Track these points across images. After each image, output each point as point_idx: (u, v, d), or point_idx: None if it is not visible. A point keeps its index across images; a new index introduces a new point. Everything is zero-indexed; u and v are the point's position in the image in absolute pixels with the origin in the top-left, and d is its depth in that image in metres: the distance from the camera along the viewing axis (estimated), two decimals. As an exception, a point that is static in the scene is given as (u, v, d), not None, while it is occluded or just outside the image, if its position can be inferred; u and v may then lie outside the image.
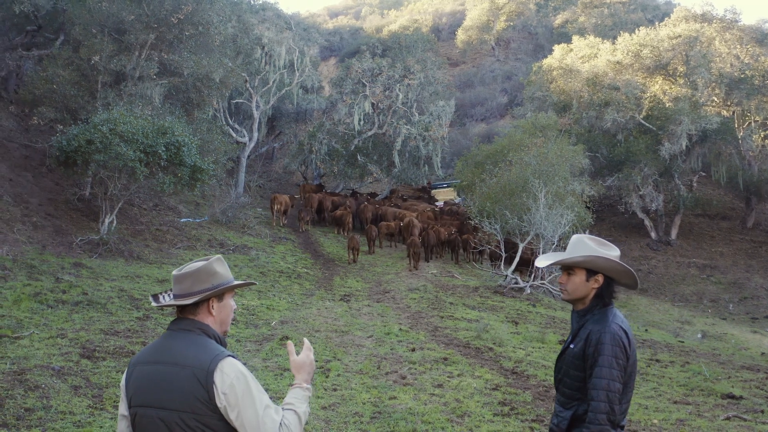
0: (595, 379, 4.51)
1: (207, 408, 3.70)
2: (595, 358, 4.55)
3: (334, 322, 17.18)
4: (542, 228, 26.59)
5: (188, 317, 4.04)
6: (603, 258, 4.77)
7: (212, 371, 3.71)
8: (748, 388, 14.33)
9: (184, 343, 3.90)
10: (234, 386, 3.69)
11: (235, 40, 34.35)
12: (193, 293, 3.99)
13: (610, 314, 4.73)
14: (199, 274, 4.03)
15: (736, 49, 45.70)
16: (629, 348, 4.61)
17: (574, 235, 5.11)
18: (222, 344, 4.01)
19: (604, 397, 4.45)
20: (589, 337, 4.64)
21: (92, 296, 15.25)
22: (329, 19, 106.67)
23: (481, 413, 10.62)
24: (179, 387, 3.74)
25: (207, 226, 28.96)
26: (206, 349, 3.84)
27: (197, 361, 3.77)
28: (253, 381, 3.78)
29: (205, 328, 3.99)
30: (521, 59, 77.49)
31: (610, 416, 4.46)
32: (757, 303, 33.66)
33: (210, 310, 4.05)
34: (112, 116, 21.14)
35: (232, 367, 3.76)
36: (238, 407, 3.68)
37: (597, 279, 4.82)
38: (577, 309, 4.93)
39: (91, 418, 8.89)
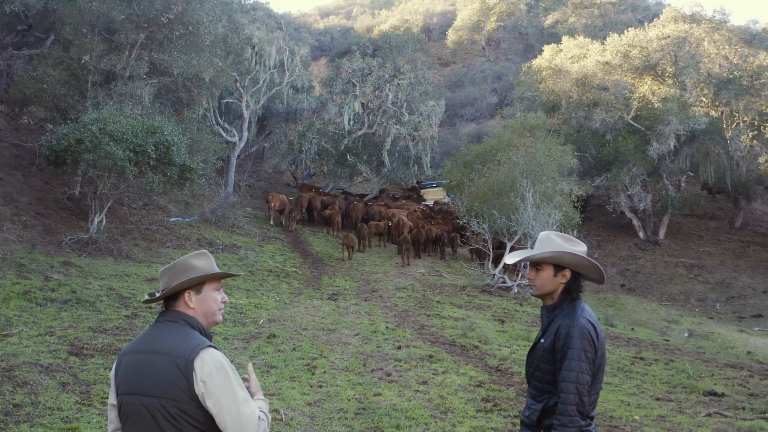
0: (564, 372, 4.64)
1: (186, 395, 3.80)
2: (565, 351, 4.68)
3: (321, 321, 17.30)
4: (530, 227, 26.69)
5: (173, 309, 4.16)
6: (570, 253, 4.90)
7: (192, 360, 3.81)
8: (731, 385, 14.48)
9: (168, 333, 4.01)
10: (213, 375, 3.79)
11: (226, 40, 34.36)
12: (167, 288, 4.13)
13: (579, 309, 4.86)
14: (175, 269, 4.18)
15: (725, 49, 45.90)
16: (597, 341, 4.74)
17: (541, 232, 5.24)
18: (206, 336, 4.10)
19: (574, 390, 4.59)
20: (559, 331, 4.77)
21: (81, 295, 15.35)
22: (320, 18, 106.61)
23: (464, 409, 10.76)
24: (160, 375, 3.85)
25: (196, 225, 29.02)
26: (188, 339, 3.95)
27: (178, 350, 3.87)
28: (233, 372, 3.87)
29: (189, 320, 4.09)
30: (511, 59, 77.55)
31: (579, 407, 4.59)
32: (744, 302, 33.80)
33: (187, 303, 4.15)
34: (101, 116, 21.21)
35: (212, 357, 3.86)
36: (216, 396, 3.77)
37: (564, 274, 4.96)
38: (546, 304, 5.07)
39: (79, 414, 9.02)
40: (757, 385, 14.80)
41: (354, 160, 42.82)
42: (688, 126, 38.72)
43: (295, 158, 43.26)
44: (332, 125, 42.97)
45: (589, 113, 42.31)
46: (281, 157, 44.09)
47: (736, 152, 43.67)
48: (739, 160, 44.07)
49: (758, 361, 19.65)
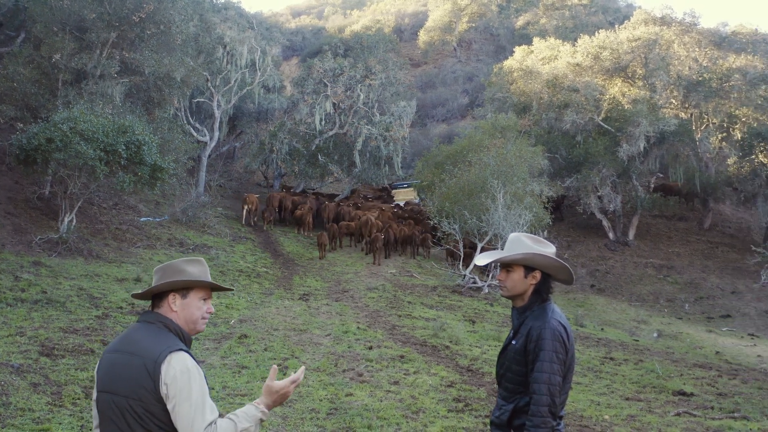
0: (536, 373, 4.70)
1: (152, 397, 3.85)
2: (537, 353, 4.74)
3: (292, 321, 17.32)
4: (501, 228, 26.81)
5: (154, 311, 4.21)
6: (540, 255, 4.97)
7: (160, 362, 3.86)
8: (700, 385, 14.64)
9: (144, 334, 4.06)
10: (176, 378, 3.83)
11: (197, 39, 34.26)
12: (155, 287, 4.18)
13: (549, 310, 4.93)
14: (166, 270, 4.23)
15: (695, 52, 46.23)
16: (568, 342, 4.82)
17: (511, 234, 5.30)
18: (184, 340, 4.14)
19: (546, 391, 4.65)
20: (530, 333, 4.83)
21: (51, 295, 15.29)
22: (292, 18, 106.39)
23: (435, 409, 10.83)
24: (130, 375, 3.91)
25: (167, 225, 28.94)
26: (160, 341, 3.98)
27: (149, 351, 3.92)
28: (198, 377, 3.91)
29: (167, 322, 4.13)
30: (482, 60, 77.73)
31: (551, 408, 4.66)
32: (713, 303, 34.08)
33: (170, 305, 4.19)
34: (72, 115, 21.10)
35: (180, 361, 3.90)
36: (175, 399, 3.82)
37: (535, 275, 5.02)
38: (516, 306, 5.13)
39: (50, 415, 8.99)
40: (726, 384, 14.97)
41: (325, 160, 42.79)
42: (658, 128, 38.96)
43: (266, 158, 43.20)
44: (303, 125, 42.93)
45: (560, 114, 42.47)
46: (252, 156, 44.01)
47: (705, 154, 44.05)
48: (708, 161, 44.48)
49: (726, 361, 19.88)
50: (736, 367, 18.35)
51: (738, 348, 24.24)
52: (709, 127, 43.70)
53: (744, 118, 43.77)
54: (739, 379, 15.94)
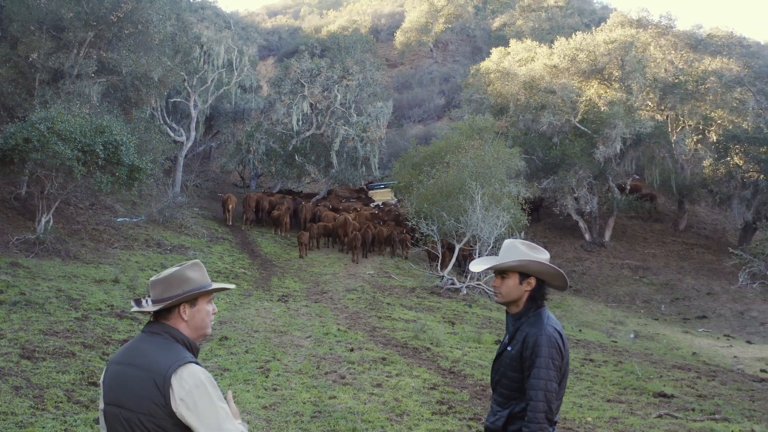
0: (533, 380, 4.71)
1: (163, 412, 3.78)
2: (533, 359, 4.75)
3: (272, 323, 17.26)
4: (479, 229, 26.85)
5: (160, 321, 4.12)
6: (536, 262, 4.97)
7: (169, 377, 3.78)
8: (680, 387, 14.72)
9: (151, 347, 3.98)
10: (192, 392, 3.77)
11: (174, 39, 34.14)
12: (163, 299, 4.08)
13: (545, 317, 4.94)
14: (170, 280, 4.12)
15: (671, 54, 46.56)
16: (564, 349, 4.84)
17: (506, 240, 5.29)
18: (192, 350, 4.08)
19: (543, 397, 4.66)
20: (526, 339, 4.84)
21: (30, 296, 15.14)
22: (268, 18, 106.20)
23: (419, 412, 10.81)
24: (138, 389, 3.84)
25: (144, 225, 28.79)
26: (169, 353, 3.91)
27: (158, 365, 3.84)
28: (213, 388, 3.86)
29: (173, 333, 4.06)
30: (459, 61, 77.84)
31: (548, 415, 4.67)
32: (689, 304, 34.28)
33: (182, 316, 4.11)
34: (49, 114, 20.93)
35: (191, 373, 3.84)
36: (197, 413, 3.76)
37: (530, 282, 5.03)
38: (512, 312, 5.13)
39: (33, 418, 8.90)
40: (705, 386, 15.07)
41: (302, 160, 42.76)
42: (634, 129, 39.15)
43: (243, 158, 43.14)
44: (280, 125, 42.89)
45: (537, 116, 42.58)
46: (229, 157, 43.95)
47: (680, 156, 44.31)
48: (683, 163, 44.76)
49: (704, 362, 20.00)
50: (715, 369, 18.48)
51: (714, 349, 24.41)
52: (685, 129, 43.97)
53: (719, 120, 44.07)
54: (718, 381, 16.05)
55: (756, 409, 13.06)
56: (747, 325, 30.92)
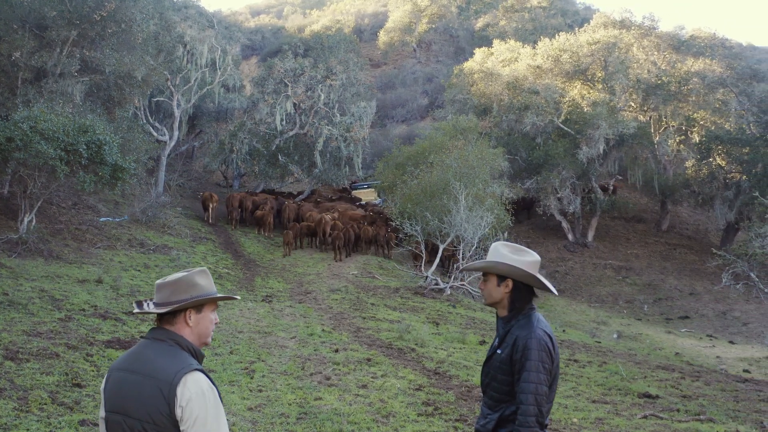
0: (523, 383, 4.69)
1: (167, 420, 3.77)
2: (523, 363, 4.72)
3: (256, 323, 17.20)
4: (462, 230, 26.85)
5: (164, 327, 4.11)
6: (504, 264, 4.95)
7: (175, 385, 3.79)
8: (664, 387, 14.76)
9: (155, 353, 3.97)
10: (192, 401, 3.77)
11: (157, 38, 34.01)
12: (170, 303, 4.07)
13: (535, 320, 4.91)
14: (179, 284, 4.10)
15: (654, 55, 46.66)
16: (554, 352, 4.82)
17: (493, 243, 5.27)
18: (196, 356, 4.07)
19: (533, 401, 4.64)
20: (516, 342, 4.81)
21: (13, 296, 15.05)
22: (251, 17, 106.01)
23: (405, 413, 10.78)
24: (143, 397, 3.83)
25: (127, 225, 28.67)
26: (174, 361, 3.90)
27: (163, 373, 3.83)
28: (214, 398, 3.86)
29: (178, 339, 4.05)
30: (442, 61, 77.96)
31: (538, 418, 4.65)
32: (671, 304, 34.41)
33: (187, 321, 4.10)
34: (33, 114, 20.80)
35: (196, 382, 3.83)
36: (190, 423, 3.77)
37: (507, 284, 5.02)
38: (501, 315, 5.11)
39: (17, 420, 8.83)
40: (689, 386, 15.10)
41: (285, 160, 42.66)
42: (617, 130, 39.27)
43: (225, 158, 42.99)
44: (264, 125, 42.76)
45: (520, 116, 42.66)
46: (212, 156, 43.77)
47: (663, 156, 44.48)
48: (666, 164, 44.99)
49: (688, 362, 20.06)
50: (698, 369, 18.53)
51: (697, 349, 24.49)
52: (668, 130, 44.17)
53: (702, 121, 44.32)
54: (702, 381, 16.09)
55: (740, 410, 13.09)
56: (729, 325, 31.06)
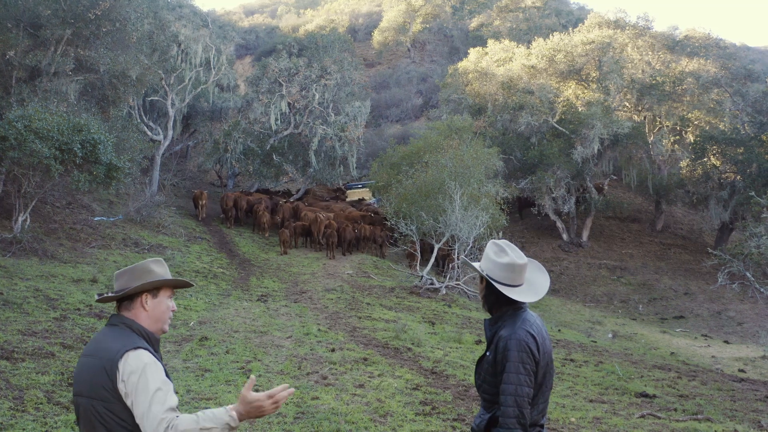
0: (503, 384, 4.66)
1: (112, 396, 3.93)
2: (503, 364, 4.69)
3: (252, 323, 17.15)
4: (457, 229, 26.84)
5: (122, 313, 4.29)
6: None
7: (116, 361, 3.95)
8: (661, 387, 14.74)
9: (107, 336, 4.17)
10: (133, 373, 3.90)
11: (151, 37, 34.00)
12: (125, 288, 4.25)
13: (519, 320, 4.84)
14: (134, 272, 4.31)
15: (648, 55, 46.75)
16: (537, 352, 4.73)
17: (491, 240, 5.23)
18: (149, 340, 4.21)
19: (513, 402, 4.61)
20: (498, 343, 4.79)
21: (7, 296, 14.99)
22: (245, 17, 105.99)
23: (403, 413, 10.74)
24: (92, 377, 4.00)
25: (121, 225, 28.59)
26: (119, 341, 4.06)
27: (108, 352, 4.00)
28: (154, 371, 3.96)
29: (129, 323, 4.23)
30: (436, 61, 77.99)
31: (519, 420, 4.62)
32: (666, 304, 34.45)
33: (143, 305, 4.29)
34: (27, 113, 20.72)
35: (137, 357, 3.98)
36: (133, 394, 3.88)
37: (483, 283, 5.02)
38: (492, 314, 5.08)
39: (13, 420, 8.79)
40: (686, 386, 15.10)
41: (280, 160, 42.63)
42: (612, 130, 39.31)
43: (220, 157, 42.89)
44: (258, 125, 42.76)
45: (515, 116, 42.71)
46: (206, 156, 43.67)
47: (657, 156, 44.56)
48: (660, 164, 45.01)
49: (684, 362, 20.07)
50: (695, 369, 18.54)
51: (692, 349, 24.51)
52: (662, 129, 44.27)
53: (696, 121, 44.41)
54: (699, 381, 16.09)
55: (737, 409, 13.09)
56: (724, 325, 31.11)
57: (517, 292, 4.92)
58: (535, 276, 5.11)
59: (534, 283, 5.06)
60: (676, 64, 46.48)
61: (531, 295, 4.99)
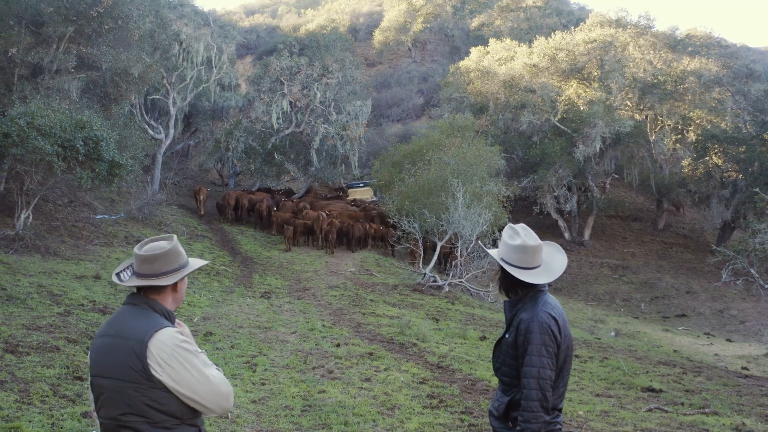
0: (526, 367, 4.65)
1: (142, 377, 3.89)
2: (525, 347, 4.68)
3: (256, 319, 17.15)
4: (460, 227, 26.82)
5: (142, 293, 4.25)
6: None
7: (146, 343, 3.93)
8: (667, 382, 14.71)
9: (130, 317, 4.13)
10: (173, 356, 3.93)
11: (153, 36, 34.03)
12: (165, 273, 4.22)
13: (540, 302, 4.84)
14: (169, 255, 4.26)
15: (650, 54, 46.74)
16: (559, 335, 4.75)
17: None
18: (169, 318, 4.19)
19: (536, 385, 4.60)
20: (519, 326, 4.77)
21: (11, 291, 14.96)
22: (245, 17, 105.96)
23: (410, 406, 10.72)
24: (119, 358, 3.97)
25: (123, 223, 28.57)
26: (146, 321, 4.06)
27: (136, 333, 3.99)
28: (189, 344, 4.02)
29: (151, 303, 4.20)
30: (437, 61, 78.07)
31: (542, 403, 4.60)
32: (668, 302, 34.43)
33: (178, 288, 4.34)
34: (29, 110, 20.68)
35: (169, 336, 3.99)
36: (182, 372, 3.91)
37: (498, 266, 4.99)
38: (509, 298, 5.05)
39: (19, 412, 8.75)
40: (692, 381, 15.07)
41: (281, 158, 42.60)
42: (614, 129, 39.32)
43: (221, 156, 42.87)
44: (259, 123, 42.75)
45: (516, 115, 42.74)
46: (208, 155, 43.66)
47: (659, 155, 44.58)
48: (662, 163, 44.98)
49: (688, 358, 20.02)
50: (699, 365, 18.52)
51: (695, 347, 24.49)
52: (664, 128, 44.28)
53: (698, 120, 44.42)
54: (704, 376, 16.06)
55: (744, 404, 13.06)
56: (727, 323, 31.08)
57: (529, 274, 4.90)
58: (554, 258, 5.07)
59: (551, 265, 5.01)
60: (677, 63, 46.49)
61: (544, 276, 4.95)
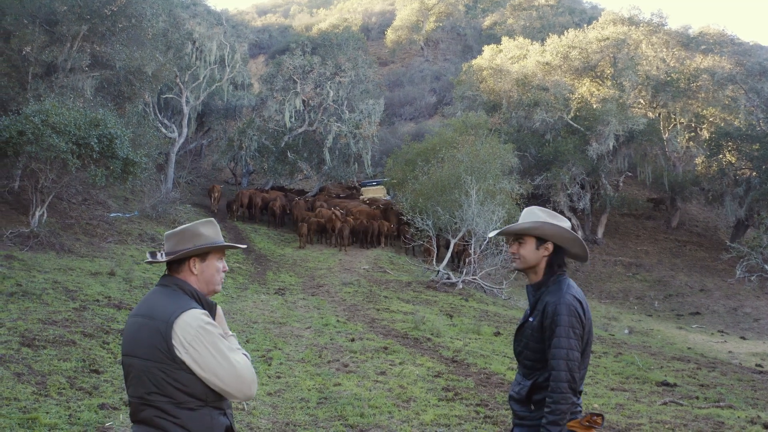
0: (554, 349, 4.64)
1: (167, 357, 3.89)
2: (553, 329, 4.67)
3: (271, 314, 17.21)
4: (474, 224, 26.81)
5: (171, 274, 4.26)
6: (550, 224, 4.90)
7: (172, 323, 3.93)
8: (681, 377, 14.72)
9: (159, 297, 4.14)
10: (198, 338, 3.91)
11: (166, 35, 34.10)
12: (174, 252, 4.23)
13: (565, 285, 4.85)
14: (183, 235, 4.27)
15: (663, 52, 46.66)
16: (584, 317, 4.75)
17: (526, 208, 5.24)
18: (201, 302, 4.17)
19: (565, 366, 4.58)
20: (546, 309, 4.76)
21: (27, 287, 15.03)
22: (257, 17, 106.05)
23: (426, 398, 10.75)
24: (145, 338, 3.97)
25: (137, 221, 28.66)
26: (174, 302, 4.04)
27: (163, 313, 3.98)
28: (214, 327, 3.99)
29: (181, 284, 4.19)
30: (450, 60, 77.94)
31: (571, 384, 4.59)
32: (682, 300, 34.35)
33: (191, 269, 4.25)
34: (44, 107, 20.80)
35: (194, 317, 3.95)
36: (206, 355, 3.90)
37: (547, 247, 4.96)
38: (531, 282, 5.06)
39: (37, 404, 8.81)
40: (706, 376, 15.07)
41: (294, 157, 42.63)
42: (627, 127, 39.27)
43: (234, 155, 42.97)
44: (273, 122, 42.75)
45: (529, 113, 42.70)
46: (221, 153, 43.77)
47: (673, 153, 44.50)
48: (675, 161, 44.89)
49: (702, 354, 19.99)
50: (714, 361, 18.52)
51: (709, 344, 24.42)
52: (677, 126, 44.16)
53: (711, 118, 44.28)
54: (718, 372, 16.07)
55: (759, 398, 13.07)
56: (740, 321, 30.99)
57: None
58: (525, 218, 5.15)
59: None
60: (690, 61, 46.43)
61: None
